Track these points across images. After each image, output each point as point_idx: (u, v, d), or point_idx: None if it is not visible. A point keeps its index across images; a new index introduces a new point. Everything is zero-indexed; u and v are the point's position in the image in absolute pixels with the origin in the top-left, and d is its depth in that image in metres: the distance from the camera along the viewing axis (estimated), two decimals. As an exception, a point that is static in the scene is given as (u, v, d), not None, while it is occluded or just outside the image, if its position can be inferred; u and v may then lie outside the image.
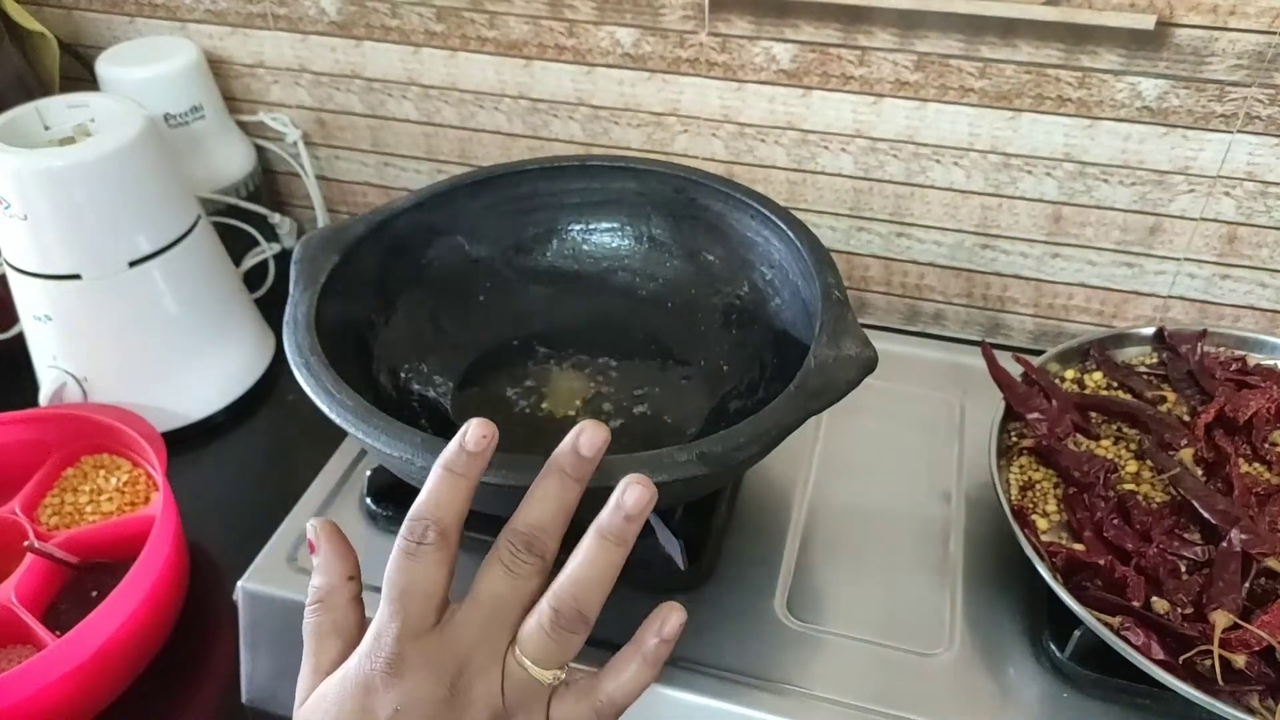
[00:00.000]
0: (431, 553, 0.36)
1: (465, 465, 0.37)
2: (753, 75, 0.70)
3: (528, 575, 0.36)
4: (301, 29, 0.79)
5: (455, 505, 0.36)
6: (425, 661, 0.35)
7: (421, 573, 0.35)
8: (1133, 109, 0.64)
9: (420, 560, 0.36)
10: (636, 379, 0.60)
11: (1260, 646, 0.44)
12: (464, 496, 0.37)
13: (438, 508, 0.36)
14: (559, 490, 0.37)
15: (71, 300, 0.65)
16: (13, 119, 0.65)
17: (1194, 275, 0.71)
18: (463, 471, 0.37)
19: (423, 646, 0.35)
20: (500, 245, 0.63)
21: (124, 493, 0.63)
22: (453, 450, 0.37)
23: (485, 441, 0.37)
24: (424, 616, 0.35)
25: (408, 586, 0.35)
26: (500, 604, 0.36)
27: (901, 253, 0.76)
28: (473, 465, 0.37)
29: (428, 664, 0.35)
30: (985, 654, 0.51)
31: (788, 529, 0.58)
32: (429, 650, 0.35)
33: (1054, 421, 0.56)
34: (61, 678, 0.50)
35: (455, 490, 0.36)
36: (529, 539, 0.37)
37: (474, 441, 0.37)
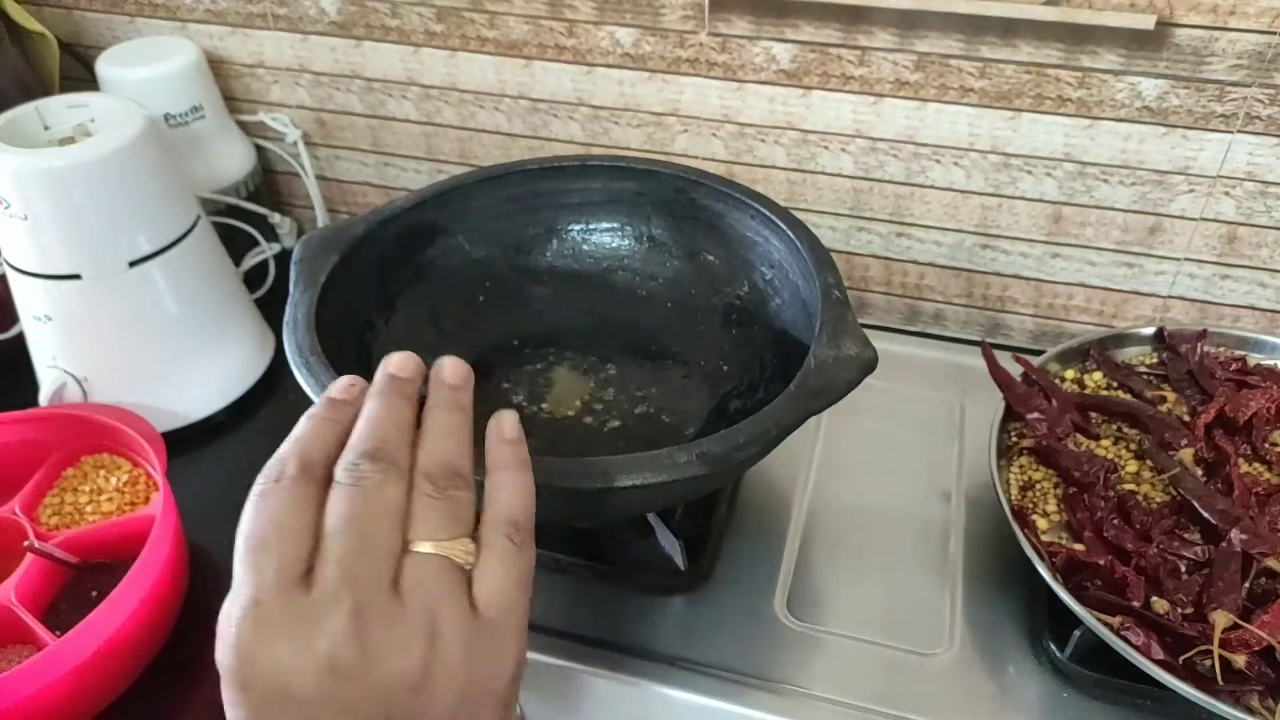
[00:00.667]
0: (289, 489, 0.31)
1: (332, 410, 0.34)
2: (753, 75, 0.70)
3: (379, 483, 0.31)
4: (301, 29, 0.79)
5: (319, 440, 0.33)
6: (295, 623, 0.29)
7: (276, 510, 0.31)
8: (1133, 109, 0.64)
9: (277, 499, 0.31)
10: (636, 379, 0.60)
11: (1260, 646, 0.44)
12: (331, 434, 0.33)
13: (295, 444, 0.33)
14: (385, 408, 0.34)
15: (71, 300, 0.65)
16: (13, 119, 0.65)
17: (1194, 275, 0.71)
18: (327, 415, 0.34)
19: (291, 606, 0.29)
20: (500, 245, 0.63)
21: (124, 493, 0.63)
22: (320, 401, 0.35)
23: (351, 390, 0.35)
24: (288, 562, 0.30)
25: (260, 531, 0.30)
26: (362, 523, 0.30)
27: (901, 253, 0.76)
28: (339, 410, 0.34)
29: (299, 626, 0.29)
30: (985, 654, 0.51)
31: (788, 529, 0.58)
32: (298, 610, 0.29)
33: (1054, 421, 0.56)
34: (61, 678, 0.50)
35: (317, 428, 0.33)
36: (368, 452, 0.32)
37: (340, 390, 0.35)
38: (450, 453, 0.33)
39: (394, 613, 0.30)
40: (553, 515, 0.48)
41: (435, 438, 0.34)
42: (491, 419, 0.36)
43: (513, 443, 0.35)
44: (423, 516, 0.32)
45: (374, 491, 0.31)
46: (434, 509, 0.32)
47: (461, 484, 0.33)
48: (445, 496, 0.32)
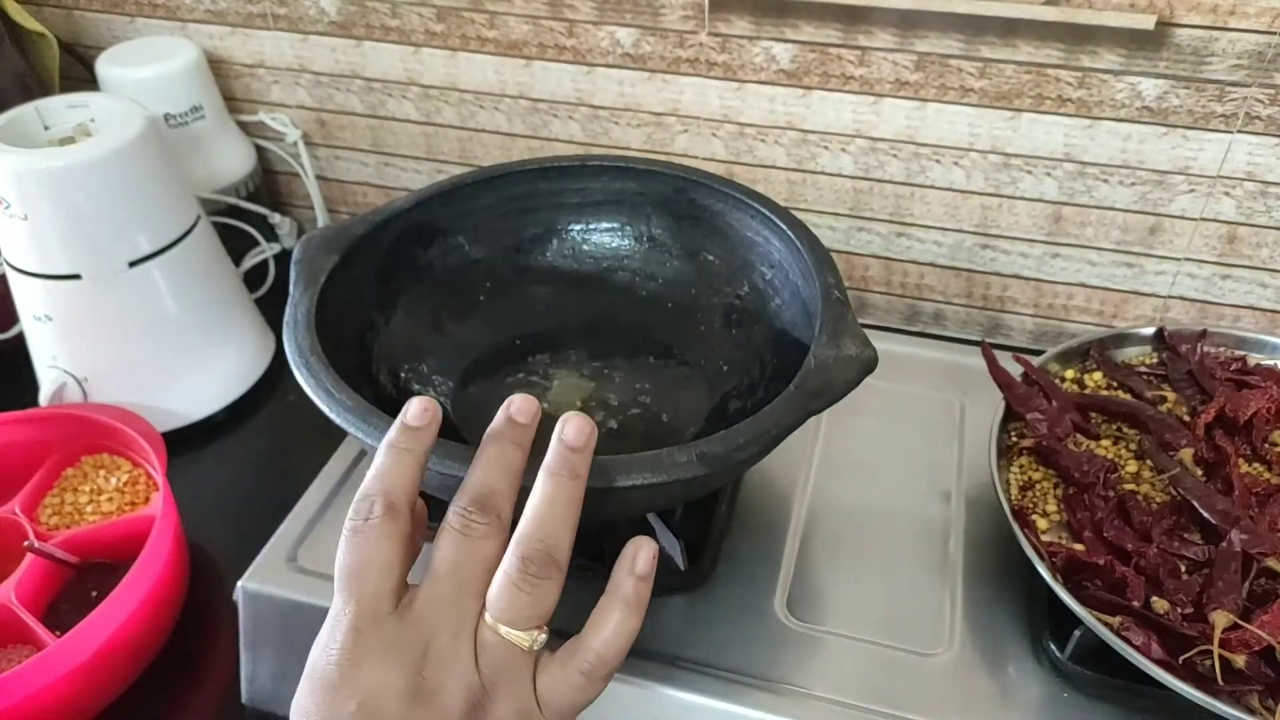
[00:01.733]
0: (378, 527, 0.33)
1: (409, 439, 0.36)
2: (753, 75, 0.70)
3: (483, 535, 0.34)
4: (301, 29, 0.79)
5: (403, 479, 0.35)
6: (384, 648, 0.32)
7: (373, 549, 0.33)
8: (1133, 109, 0.64)
9: (368, 536, 0.33)
10: (636, 379, 0.60)
11: (1260, 646, 0.44)
12: (411, 471, 0.35)
13: (384, 481, 0.35)
14: (500, 454, 0.36)
15: (71, 300, 0.65)
16: (13, 119, 0.65)
17: (1194, 275, 0.71)
18: (407, 445, 0.36)
19: (381, 632, 0.32)
20: (500, 245, 0.63)
21: (124, 493, 0.63)
22: (395, 428, 0.36)
23: (427, 415, 0.37)
24: (379, 599, 0.33)
25: (358, 566, 0.33)
26: (460, 571, 0.33)
27: (901, 253, 0.76)
28: (417, 439, 0.36)
29: (387, 651, 0.32)
30: (985, 654, 0.51)
31: (788, 529, 0.58)
32: (388, 636, 0.32)
33: (1054, 421, 0.56)
34: (61, 678, 0.50)
35: (401, 464, 0.35)
36: (479, 499, 0.35)
37: (415, 417, 0.36)
38: (553, 535, 0.34)
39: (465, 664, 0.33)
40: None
41: (544, 509, 0.35)
42: (631, 542, 0.36)
43: (643, 578, 0.35)
44: (509, 598, 0.33)
45: (479, 543, 0.34)
46: (521, 597, 0.33)
47: (554, 574, 0.34)
48: (536, 588, 0.33)
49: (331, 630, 0.33)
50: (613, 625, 0.35)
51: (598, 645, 0.35)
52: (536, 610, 0.34)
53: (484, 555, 0.34)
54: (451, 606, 0.33)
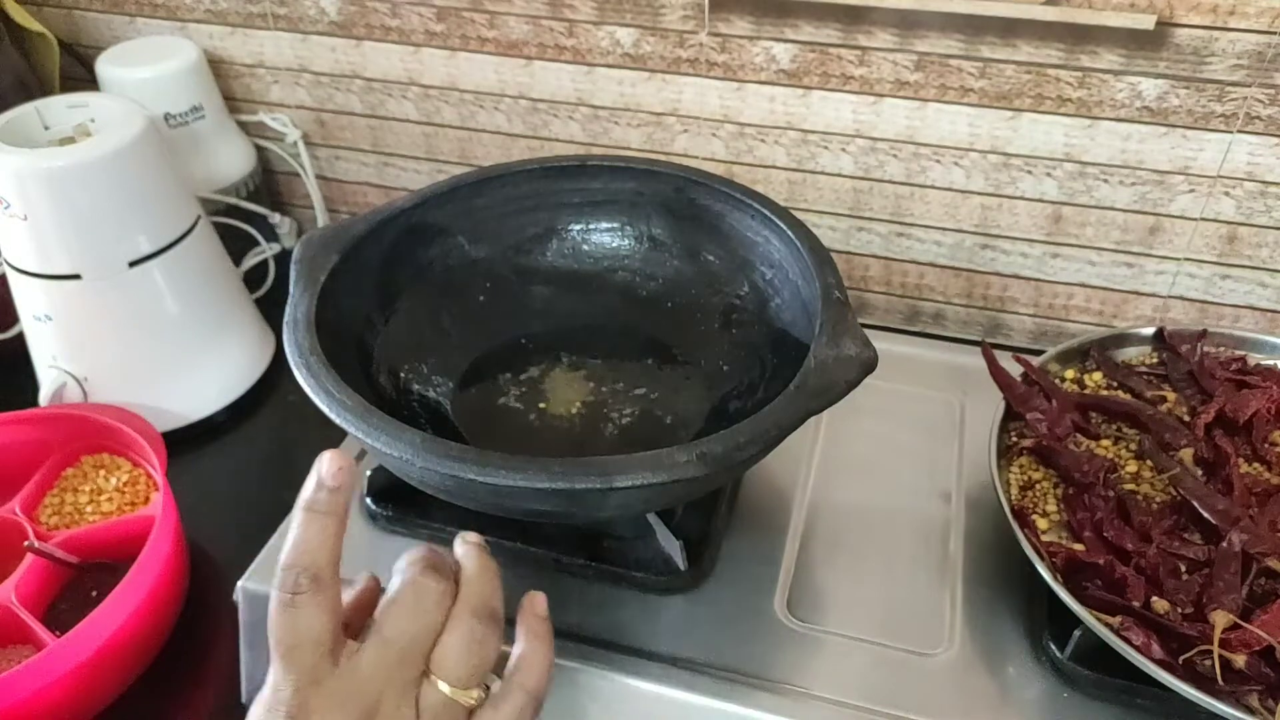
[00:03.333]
0: (309, 600, 0.34)
1: (327, 503, 0.36)
2: (753, 75, 0.70)
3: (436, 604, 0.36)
4: (301, 29, 0.79)
5: (326, 546, 0.35)
6: (330, 707, 0.33)
7: (305, 623, 0.34)
8: (1133, 109, 0.64)
9: (301, 610, 0.34)
10: (636, 379, 0.60)
11: (1260, 646, 0.44)
12: (333, 534, 0.35)
13: (306, 553, 0.35)
14: None
15: (71, 300, 0.65)
16: (13, 119, 0.65)
17: (1194, 275, 0.71)
18: (326, 509, 0.36)
19: (325, 693, 0.33)
20: (500, 245, 0.63)
21: (124, 493, 0.63)
22: (309, 489, 0.36)
23: (342, 474, 0.36)
24: (316, 665, 0.34)
25: (294, 641, 0.34)
26: (412, 640, 0.35)
27: (901, 253, 0.76)
28: (335, 500, 0.36)
29: (333, 710, 0.33)
30: (985, 654, 0.51)
31: (788, 529, 0.58)
32: (333, 695, 0.34)
33: (1054, 421, 0.56)
34: (61, 678, 0.50)
35: (323, 530, 0.35)
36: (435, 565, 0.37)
37: (330, 476, 0.36)
38: (491, 597, 0.37)
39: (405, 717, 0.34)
40: (553, 515, 0.48)
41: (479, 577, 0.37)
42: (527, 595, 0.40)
43: (544, 619, 0.39)
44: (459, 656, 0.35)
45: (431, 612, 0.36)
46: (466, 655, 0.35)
47: (496, 631, 0.36)
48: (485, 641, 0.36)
49: (275, 694, 0.33)
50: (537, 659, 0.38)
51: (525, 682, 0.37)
52: (481, 670, 0.36)
53: (434, 624, 0.36)
54: (398, 670, 0.35)
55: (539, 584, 0.42)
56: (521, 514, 0.48)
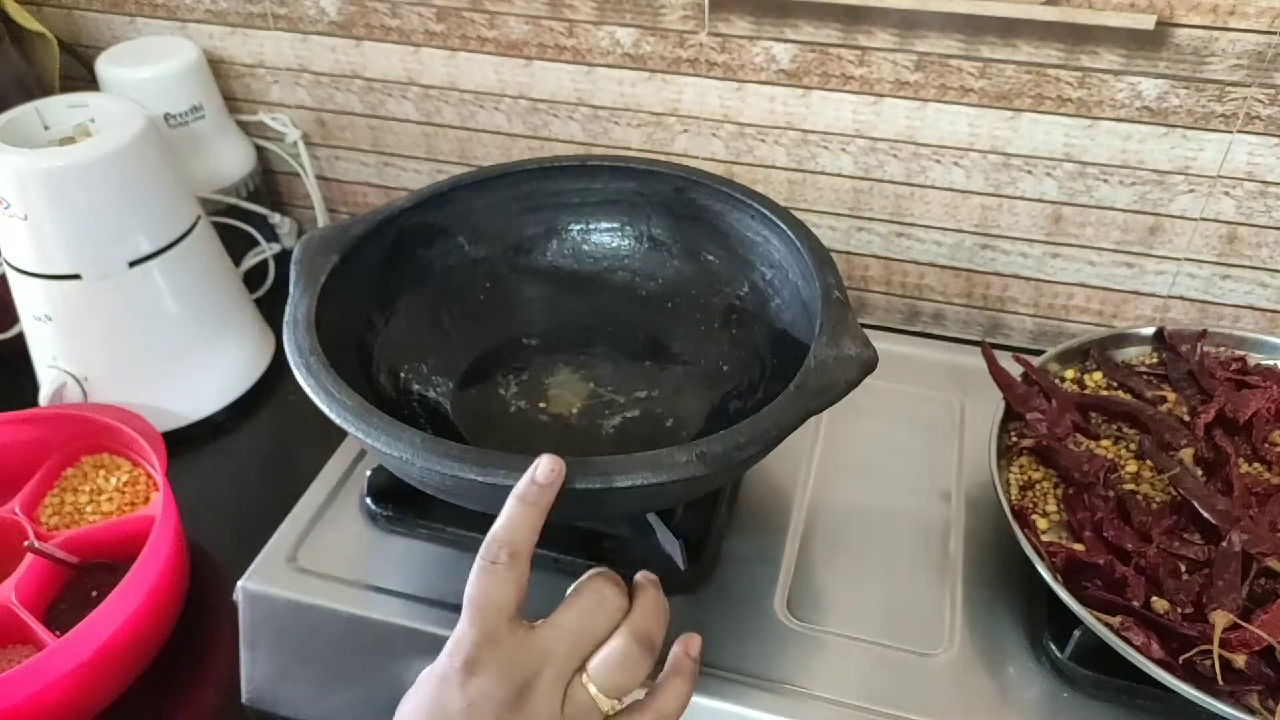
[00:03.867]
0: (504, 570, 0.39)
1: (536, 496, 0.40)
2: (753, 75, 0.70)
3: (611, 615, 0.40)
4: (301, 29, 0.79)
5: (526, 530, 0.40)
6: (497, 667, 0.38)
7: (496, 587, 0.39)
8: (1133, 109, 0.64)
9: (495, 576, 0.39)
10: (636, 379, 0.60)
11: (1260, 646, 0.44)
12: (535, 522, 0.40)
13: (511, 531, 0.40)
14: None
15: (71, 300, 0.65)
16: (13, 119, 0.65)
17: (1194, 275, 0.71)
18: (534, 500, 0.40)
19: (497, 654, 0.38)
20: (500, 245, 0.63)
21: (124, 493, 0.63)
22: (525, 482, 0.41)
23: (554, 475, 0.41)
24: (498, 626, 0.38)
25: (484, 598, 0.39)
26: (584, 632, 0.40)
27: (901, 253, 0.76)
28: (542, 495, 0.40)
29: (500, 669, 0.38)
30: (985, 654, 0.51)
31: (788, 529, 0.58)
32: (502, 658, 0.38)
33: (1054, 421, 0.56)
34: (61, 678, 0.50)
35: (526, 517, 0.40)
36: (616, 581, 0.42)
37: (544, 475, 0.41)
38: (656, 629, 0.41)
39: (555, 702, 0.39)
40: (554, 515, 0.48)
41: (650, 607, 0.42)
42: (686, 634, 0.44)
43: (696, 661, 0.43)
44: (614, 666, 0.39)
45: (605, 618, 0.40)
46: (620, 674, 0.39)
47: (651, 659, 0.40)
48: (639, 663, 0.40)
49: (456, 644, 0.39)
50: (672, 690, 0.41)
51: (659, 707, 0.41)
52: (627, 686, 0.40)
53: (602, 631, 0.40)
54: (565, 654, 0.39)
55: (539, 585, 0.42)
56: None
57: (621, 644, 0.40)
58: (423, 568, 0.55)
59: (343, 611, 0.53)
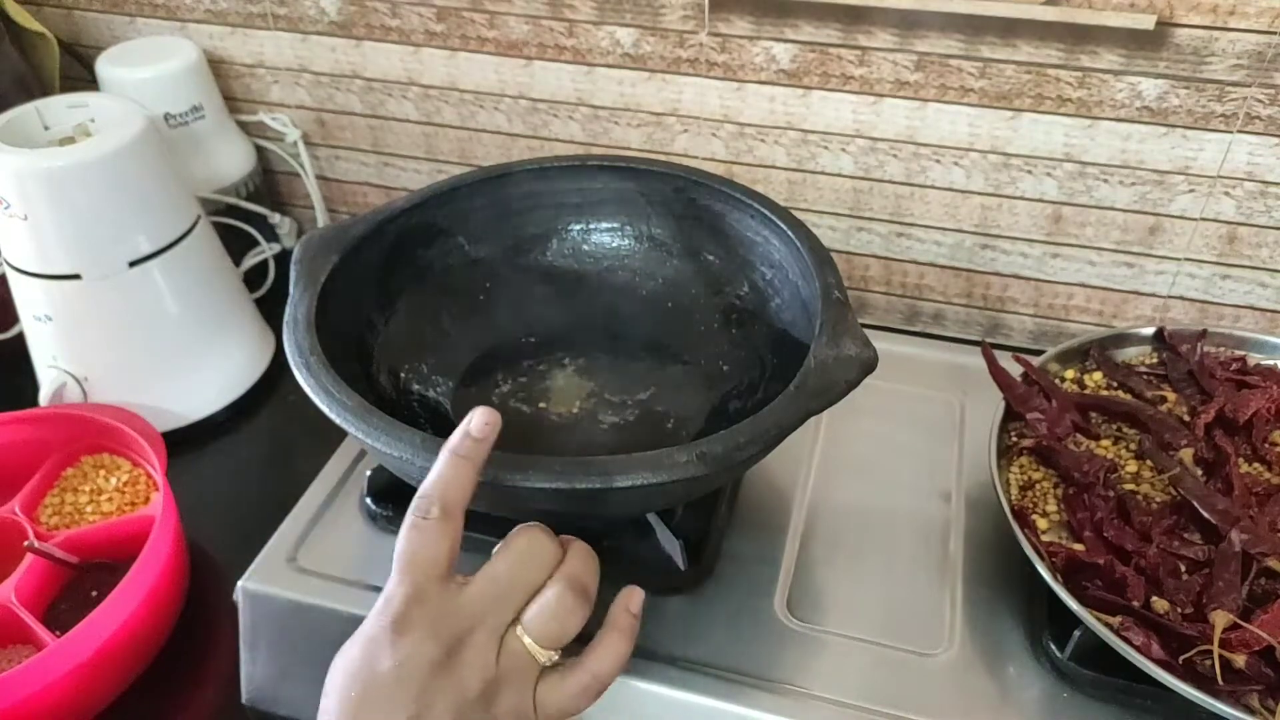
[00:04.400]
0: (435, 525, 0.38)
1: (470, 449, 0.40)
2: (753, 75, 0.70)
3: (540, 567, 0.39)
4: (301, 29, 0.79)
5: (459, 485, 0.39)
6: (427, 625, 0.37)
7: (426, 543, 0.38)
8: (1133, 109, 0.64)
9: (425, 532, 0.38)
10: (636, 379, 0.60)
11: (1260, 646, 0.44)
12: (468, 477, 0.39)
13: (443, 485, 0.39)
14: None
15: (71, 300, 0.65)
16: (13, 119, 0.65)
17: (1194, 275, 0.71)
18: (466, 454, 0.39)
19: (426, 611, 0.37)
20: (500, 245, 0.63)
21: (124, 493, 0.63)
22: (458, 435, 0.40)
23: (488, 428, 0.40)
24: (429, 583, 0.38)
25: (413, 555, 0.38)
26: (514, 587, 0.39)
27: (901, 253, 0.76)
28: (476, 450, 0.40)
29: (429, 627, 0.37)
30: (985, 654, 0.51)
31: (788, 529, 0.58)
32: (432, 615, 0.37)
33: (1054, 421, 0.56)
34: (61, 678, 0.50)
35: (459, 471, 0.39)
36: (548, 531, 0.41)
37: (478, 428, 0.40)
38: (589, 578, 0.41)
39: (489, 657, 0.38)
40: (553, 515, 0.48)
41: (582, 555, 0.41)
42: (627, 588, 0.43)
43: (636, 616, 0.42)
44: (549, 616, 0.39)
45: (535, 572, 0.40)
46: (554, 624, 0.39)
47: (586, 607, 0.40)
48: (574, 610, 0.39)
49: (385, 602, 0.38)
50: (607, 648, 0.40)
51: (595, 664, 0.40)
52: (563, 636, 0.39)
53: (535, 582, 0.39)
54: (497, 607, 0.38)
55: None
56: (522, 514, 0.48)
57: (555, 593, 0.39)
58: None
59: (343, 611, 0.53)
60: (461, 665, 0.37)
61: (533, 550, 0.40)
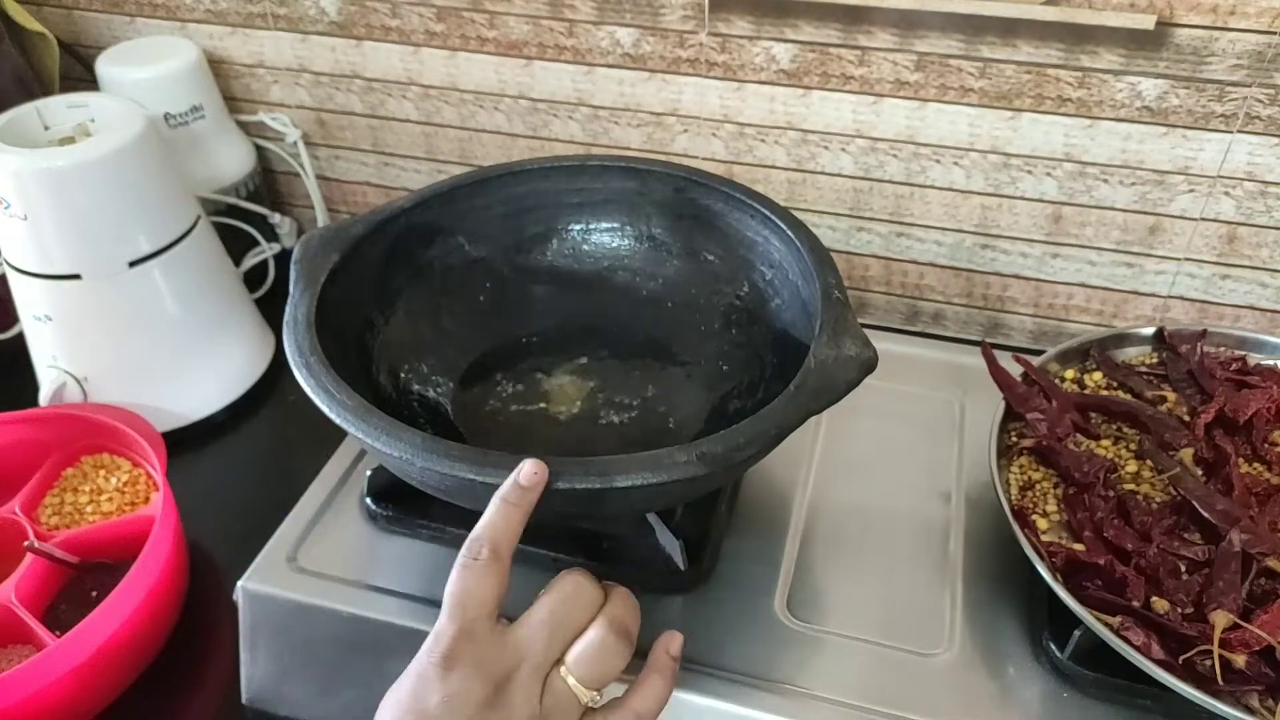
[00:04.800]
0: (484, 566, 0.40)
1: (519, 497, 0.41)
2: (753, 75, 0.70)
3: (585, 608, 0.41)
4: (301, 29, 0.79)
5: (509, 530, 0.41)
6: (475, 663, 0.38)
7: (476, 583, 0.40)
8: (1133, 109, 0.64)
9: (475, 573, 0.40)
10: (636, 379, 0.60)
11: (1260, 646, 0.44)
12: (517, 523, 0.41)
13: (493, 530, 0.41)
14: None
15: (71, 300, 0.65)
16: (13, 119, 0.65)
17: (1194, 275, 0.71)
18: (516, 501, 0.41)
19: (475, 650, 0.39)
20: (500, 245, 0.63)
21: (124, 493, 0.63)
22: (509, 484, 0.41)
23: (537, 478, 0.41)
24: (477, 622, 0.39)
25: (464, 595, 0.39)
26: (560, 626, 0.40)
27: (901, 253, 0.76)
28: (525, 497, 0.41)
29: (477, 665, 0.38)
30: (985, 654, 0.51)
31: (788, 529, 0.58)
32: (480, 654, 0.39)
33: (1054, 421, 0.56)
34: (61, 678, 0.50)
35: (508, 517, 0.41)
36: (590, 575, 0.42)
37: (527, 478, 0.41)
38: (631, 619, 0.42)
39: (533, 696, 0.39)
40: (553, 515, 0.48)
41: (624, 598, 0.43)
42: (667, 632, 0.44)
43: (676, 659, 0.43)
44: (592, 657, 0.40)
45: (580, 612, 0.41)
46: (601, 659, 0.40)
47: (629, 649, 0.41)
48: (617, 651, 0.41)
49: (435, 639, 0.39)
50: (651, 689, 0.42)
51: (638, 703, 0.41)
52: (606, 677, 0.40)
53: (579, 623, 0.41)
54: (543, 648, 0.40)
55: (539, 584, 0.42)
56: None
57: (598, 634, 0.40)
58: (423, 568, 0.55)
59: (343, 611, 0.53)
60: (507, 705, 0.38)
61: (578, 593, 0.41)
